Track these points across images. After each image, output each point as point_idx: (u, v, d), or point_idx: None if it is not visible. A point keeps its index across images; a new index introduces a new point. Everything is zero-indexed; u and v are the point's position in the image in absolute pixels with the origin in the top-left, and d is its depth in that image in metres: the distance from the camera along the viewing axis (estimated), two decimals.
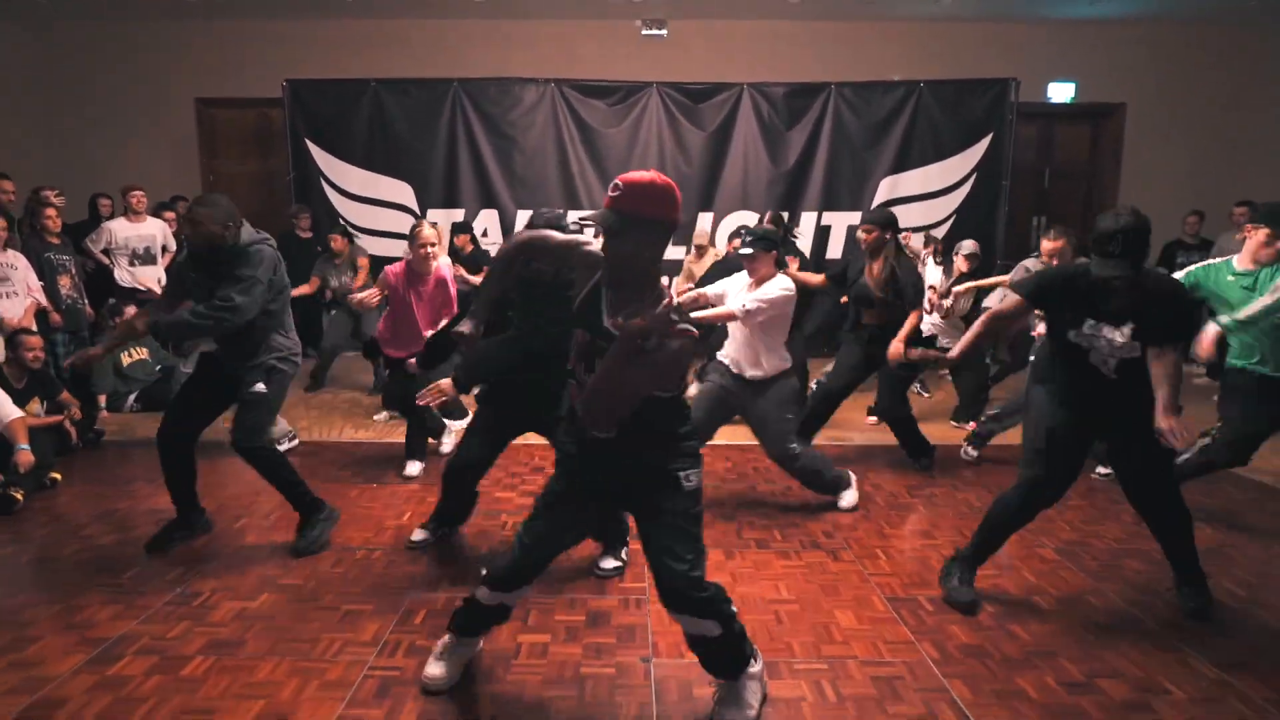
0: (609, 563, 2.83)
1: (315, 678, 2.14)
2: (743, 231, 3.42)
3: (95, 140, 8.70)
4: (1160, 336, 2.38)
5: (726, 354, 3.42)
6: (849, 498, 3.52)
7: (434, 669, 2.11)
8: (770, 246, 3.29)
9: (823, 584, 2.75)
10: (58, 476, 3.78)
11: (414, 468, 3.97)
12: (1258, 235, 3.14)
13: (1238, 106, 8.56)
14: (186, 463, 3.03)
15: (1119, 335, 2.37)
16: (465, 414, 4.81)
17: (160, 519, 3.23)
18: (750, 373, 3.33)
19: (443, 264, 4.13)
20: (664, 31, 8.41)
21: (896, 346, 3.69)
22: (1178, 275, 3.17)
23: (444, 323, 3.79)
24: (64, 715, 1.97)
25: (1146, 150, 8.70)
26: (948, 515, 3.47)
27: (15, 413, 3.74)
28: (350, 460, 4.19)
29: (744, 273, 3.35)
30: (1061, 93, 8.81)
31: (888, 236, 3.90)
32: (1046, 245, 4.05)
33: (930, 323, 4.73)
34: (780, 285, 3.27)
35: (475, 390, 3.01)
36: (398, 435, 4.69)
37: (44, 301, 4.88)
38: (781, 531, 3.21)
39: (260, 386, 2.93)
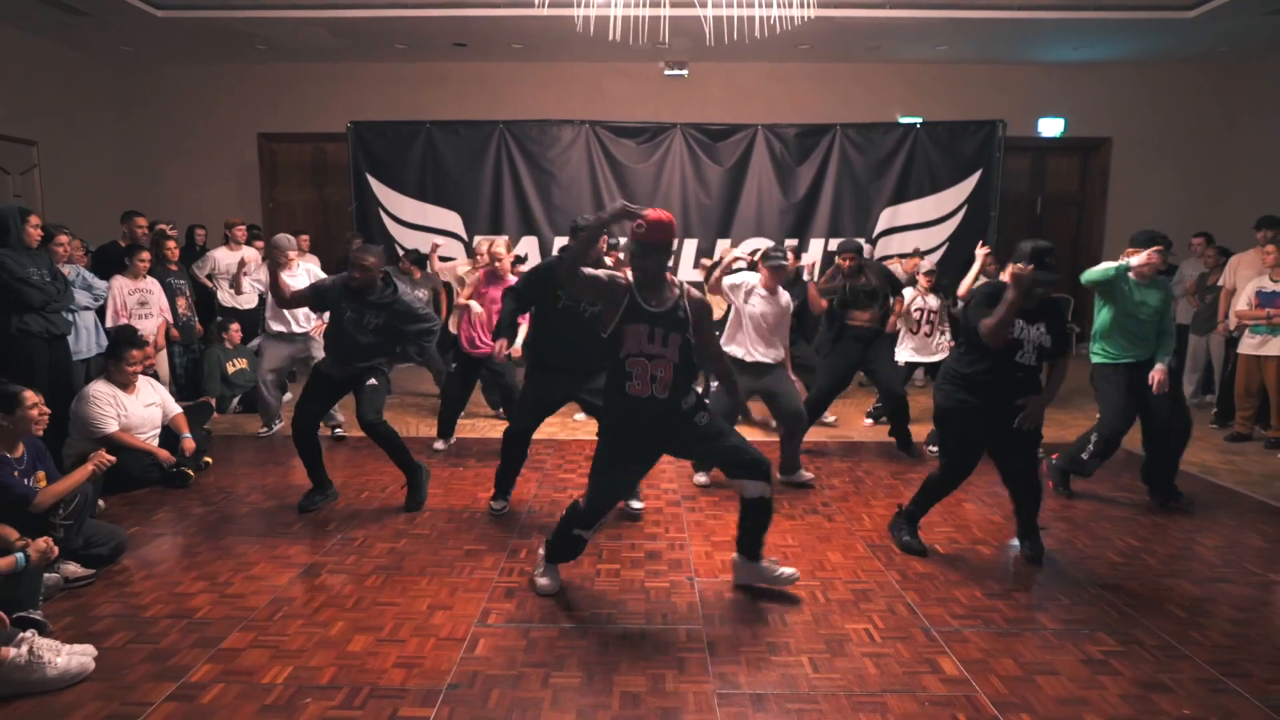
0: (636, 504, 3.88)
1: (459, 587, 3.06)
2: (773, 250, 4.42)
3: (168, 171, 9.74)
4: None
5: (738, 347, 4.33)
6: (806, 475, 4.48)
7: (543, 580, 3.02)
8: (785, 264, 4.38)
9: (819, 535, 3.65)
10: (210, 460, 4.72)
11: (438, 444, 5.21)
12: None
13: (1218, 138, 9.39)
14: (313, 445, 3.99)
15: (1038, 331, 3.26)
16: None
17: (299, 492, 4.17)
18: (764, 356, 4.28)
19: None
20: (684, 72, 9.36)
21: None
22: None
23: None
24: (298, 605, 2.90)
25: (1131, 180, 9.56)
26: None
27: (178, 408, 4.69)
28: (433, 452, 5.11)
29: (756, 273, 4.39)
30: (1051, 127, 9.68)
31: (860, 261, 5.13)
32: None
33: (910, 348, 5.63)
34: (789, 299, 4.42)
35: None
36: (466, 432, 5.62)
37: (170, 319, 5.84)
38: (789, 502, 4.10)
39: (373, 380, 3.96)
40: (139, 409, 4.38)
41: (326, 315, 4.10)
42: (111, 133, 9.46)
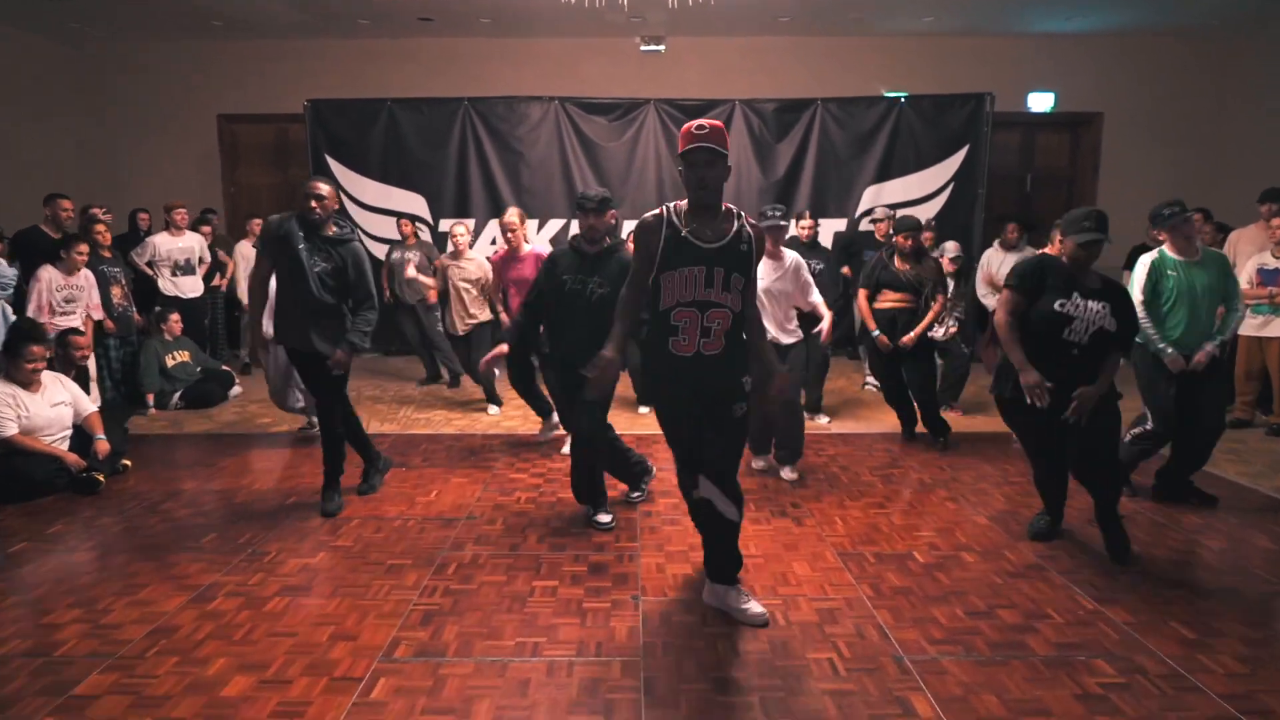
0: (604, 517, 3.46)
1: (371, 611, 2.69)
2: (771, 210, 3.95)
3: (124, 154, 9.27)
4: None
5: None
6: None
7: (747, 605, 2.67)
8: (789, 221, 4.04)
9: (785, 543, 3.29)
10: (129, 463, 4.32)
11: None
12: None
13: (1210, 115, 9.02)
14: (348, 423, 3.77)
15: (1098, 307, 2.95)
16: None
17: (223, 496, 3.82)
18: (779, 336, 3.90)
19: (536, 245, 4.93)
20: (662, 47, 8.92)
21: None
22: None
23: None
24: (180, 636, 2.52)
25: (1123, 157, 9.18)
26: (901, 490, 4.01)
27: (92, 407, 4.30)
28: (379, 448, 4.72)
29: None
30: (1041, 102, 9.28)
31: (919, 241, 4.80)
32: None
33: None
34: (796, 255, 3.98)
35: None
36: (419, 427, 5.26)
37: (99, 316, 5.41)
38: (756, 504, 3.74)
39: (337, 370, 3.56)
40: (44, 409, 3.99)
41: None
42: (64, 114, 8.97)
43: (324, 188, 3.44)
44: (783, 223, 3.90)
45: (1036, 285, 3.04)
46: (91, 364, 5.31)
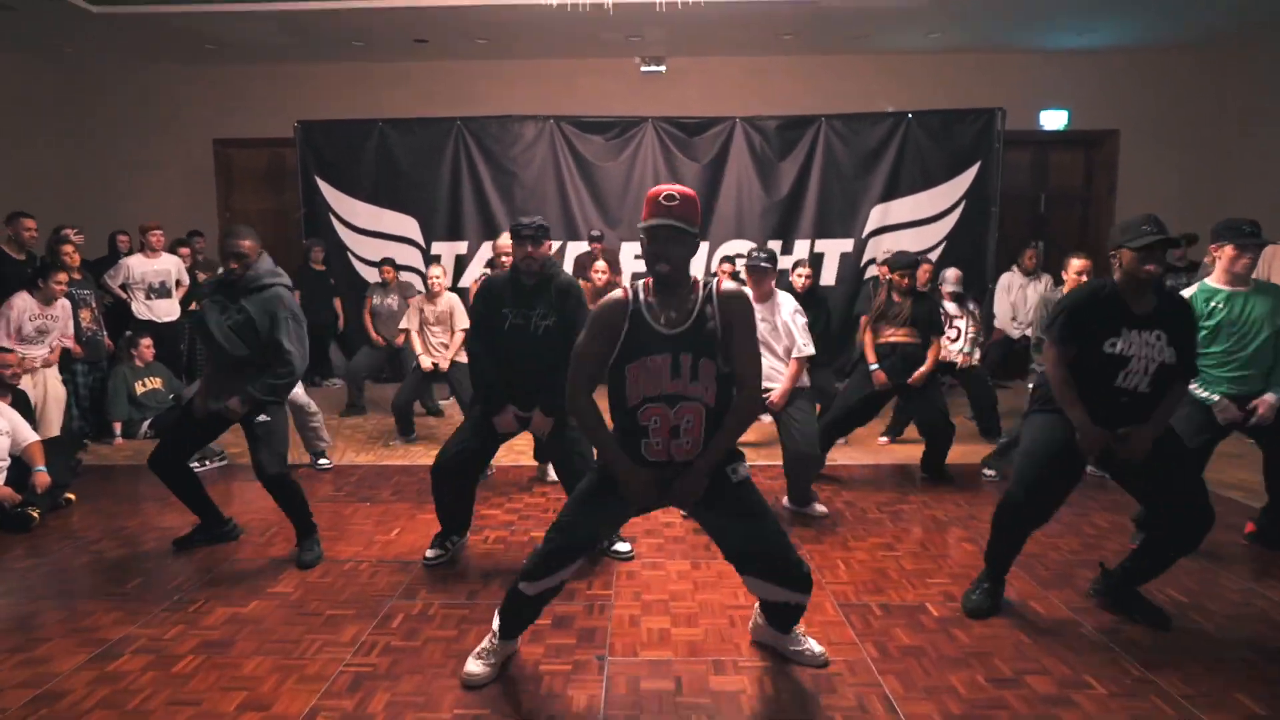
0: (622, 546, 3.24)
1: (295, 672, 2.33)
2: (754, 253, 3.71)
3: (116, 178, 9.11)
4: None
5: None
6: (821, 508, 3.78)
7: (474, 667, 2.28)
8: (774, 264, 3.67)
9: None
10: (72, 497, 4.00)
11: None
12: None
13: (1228, 129, 8.68)
14: (185, 478, 3.27)
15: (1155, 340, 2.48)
16: None
17: (166, 535, 3.48)
18: (771, 382, 3.61)
19: None
20: (662, 68, 8.70)
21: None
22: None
23: None
24: (66, 705, 2.16)
25: (1140, 175, 8.84)
26: (912, 529, 3.61)
27: (32, 436, 3.99)
28: (347, 481, 4.40)
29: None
30: (1054, 120, 8.99)
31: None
32: (1076, 264, 4.32)
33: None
34: (791, 302, 3.68)
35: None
36: (394, 458, 4.92)
37: (69, 345, 5.14)
38: None
39: (264, 417, 3.16)
40: None
41: None
42: (55, 139, 8.84)
43: (245, 241, 3.13)
44: (764, 265, 3.61)
45: (1079, 328, 2.55)
46: (60, 391, 5.01)
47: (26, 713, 2.13)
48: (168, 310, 6.24)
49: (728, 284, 2.12)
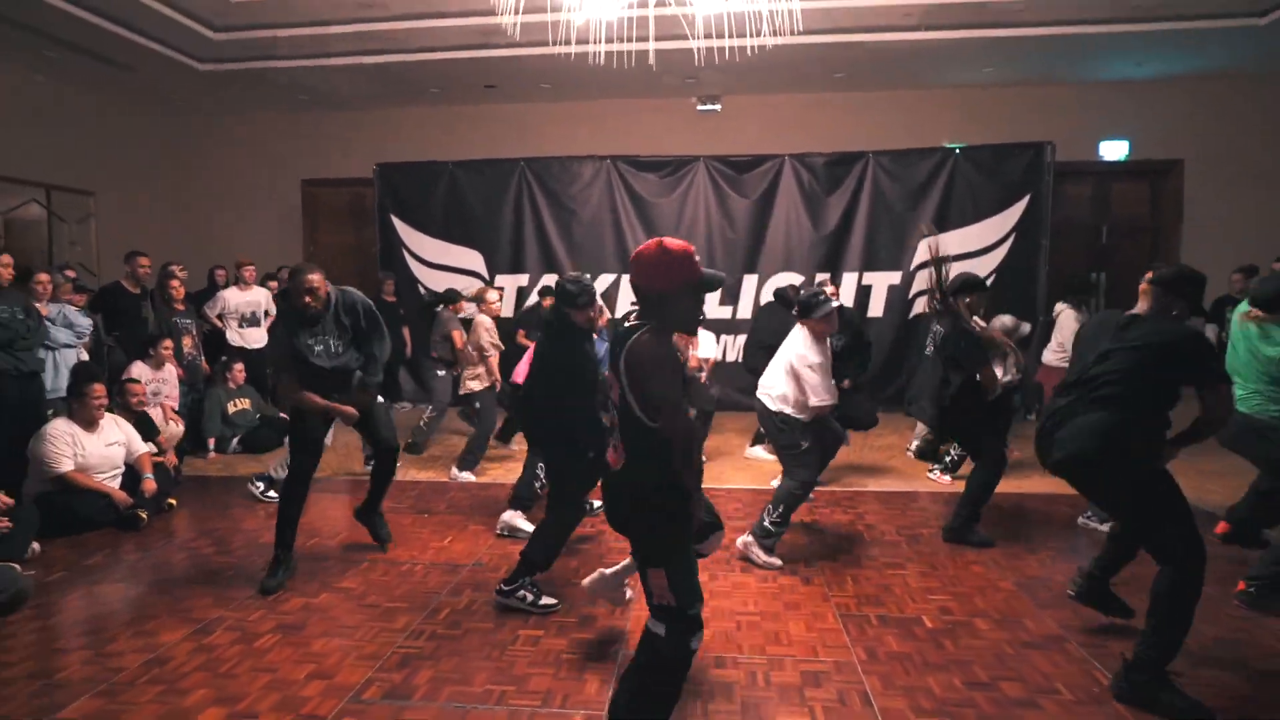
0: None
1: (354, 651, 2.73)
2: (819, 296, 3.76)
3: (215, 217, 10.04)
4: None
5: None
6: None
7: None
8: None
9: (787, 602, 3.16)
10: (174, 502, 4.57)
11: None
12: None
13: None
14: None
15: None
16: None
17: (252, 536, 4.00)
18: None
19: None
20: (718, 106, 9.11)
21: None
22: None
23: None
24: (171, 668, 2.62)
25: (1207, 205, 8.72)
26: (925, 551, 3.79)
27: (144, 448, 4.58)
28: (407, 495, 4.85)
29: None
30: (1114, 150, 8.97)
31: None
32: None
33: None
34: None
35: None
36: (444, 475, 5.36)
37: (173, 405, 5.73)
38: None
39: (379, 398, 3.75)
40: (99, 448, 4.27)
41: None
42: (162, 182, 9.85)
43: (314, 278, 3.37)
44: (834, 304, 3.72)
45: None
46: (177, 432, 5.63)
47: (141, 672, 2.58)
48: (258, 338, 6.90)
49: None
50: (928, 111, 8.88)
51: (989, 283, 7.64)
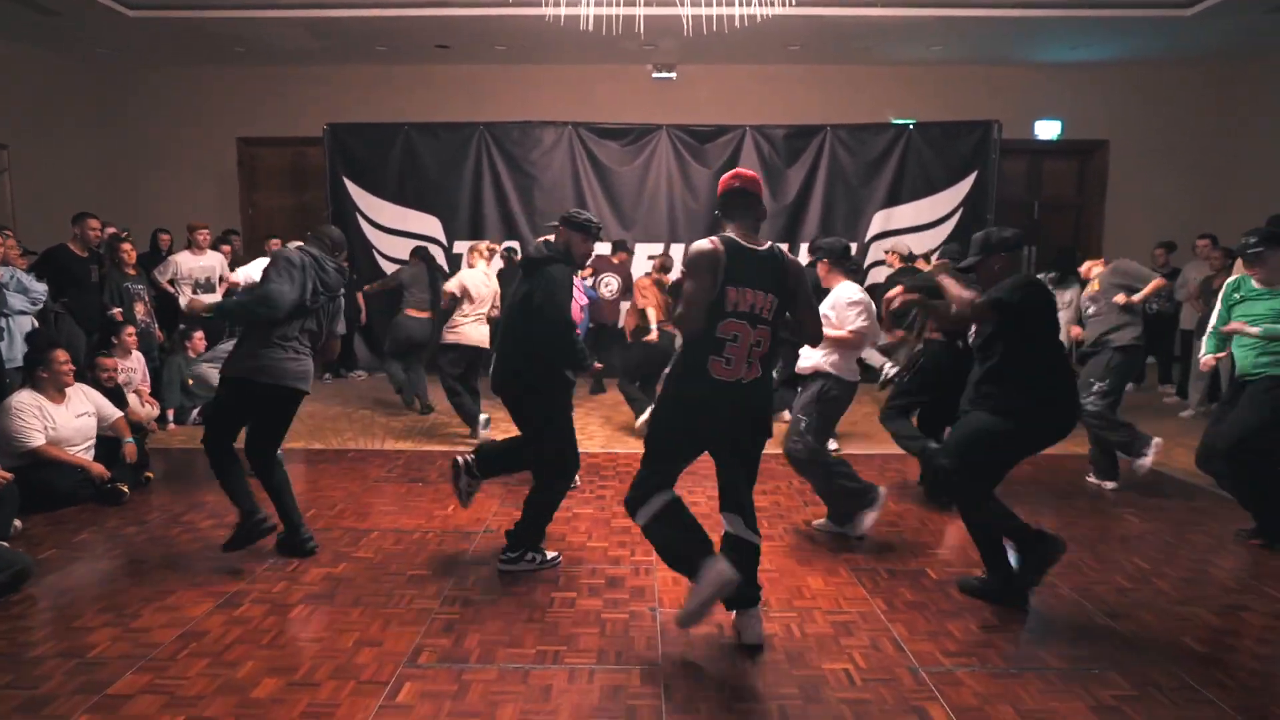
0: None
1: (394, 619, 2.74)
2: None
3: (145, 175, 9.46)
4: None
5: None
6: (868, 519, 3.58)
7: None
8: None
9: (800, 558, 3.33)
10: (150, 475, 4.40)
11: None
12: None
13: (1215, 140, 9.11)
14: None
15: None
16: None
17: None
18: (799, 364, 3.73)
19: None
20: (673, 74, 9.10)
21: None
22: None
23: None
24: (210, 640, 2.58)
25: (1129, 184, 9.29)
26: (913, 509, 4.05)
27: (117, 413, 4.39)
28: (394, 464, 4.80)
29: None
30: (1048, 130, 9.42)
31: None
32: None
33: None
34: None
35: None
36: (430, 444, 5.33)
37: (144, 394, 5.59)
38: (769, 520, 3.78)
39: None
40: (69, 420, 4.07)
41: None
42: (87, 136, 9.18)
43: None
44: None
45: None
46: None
47: (179, 646, 2.54)
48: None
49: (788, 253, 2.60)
50: (878, 86, 9.12)
51: (937, 254, 8.10)
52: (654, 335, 5.81)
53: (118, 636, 2.60)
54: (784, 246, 2.88)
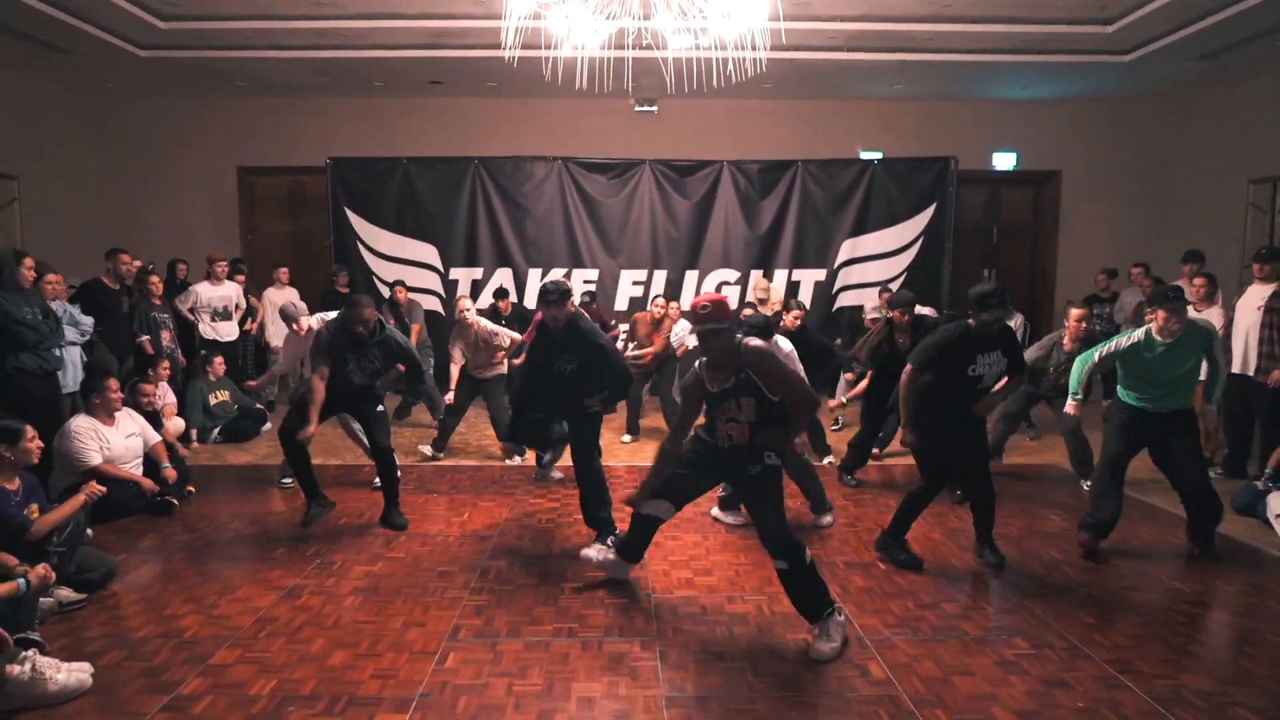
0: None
1: (432, 606, 3.29)
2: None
3: (148, 203, 9.86)
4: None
5: None
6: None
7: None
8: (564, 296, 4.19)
9: None
10: (193, 489, 4.90)
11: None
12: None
13: (1155, 174, 9.87)
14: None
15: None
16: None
17: (283, 517, 4.42)
18: None
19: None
20: (654, 108, 9.73)
21: None
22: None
23: None
24: (283, 623, 3.11)
25: (1079, 212, 10.03)
26: (868, 511, 4.66)
27: (157, 437, 4.88)
28: (410, 478, 5.32)
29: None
30: (1004, 161, 10.14)
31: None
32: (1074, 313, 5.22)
33: None
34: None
35: None
36: (442, 460, 5.85)
37: (174, 419, 6.07)
38: (748, 517, 4.36)
39: (381, 407, 4.37)
40: (120, 440, 4.56)
41: None
42: (92, 167, 9.59)
43: (368, 310, 4.20)
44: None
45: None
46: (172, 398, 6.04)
47: (257, 628, 3.07)
48: (229, 331, 7.12)
49: (751, 343, 3.00)
50: (845, 121, 9.82)
51: (901, 279, 8.78)
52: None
53: (204, 622, 3.13)
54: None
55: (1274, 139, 8.19)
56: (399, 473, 4.46)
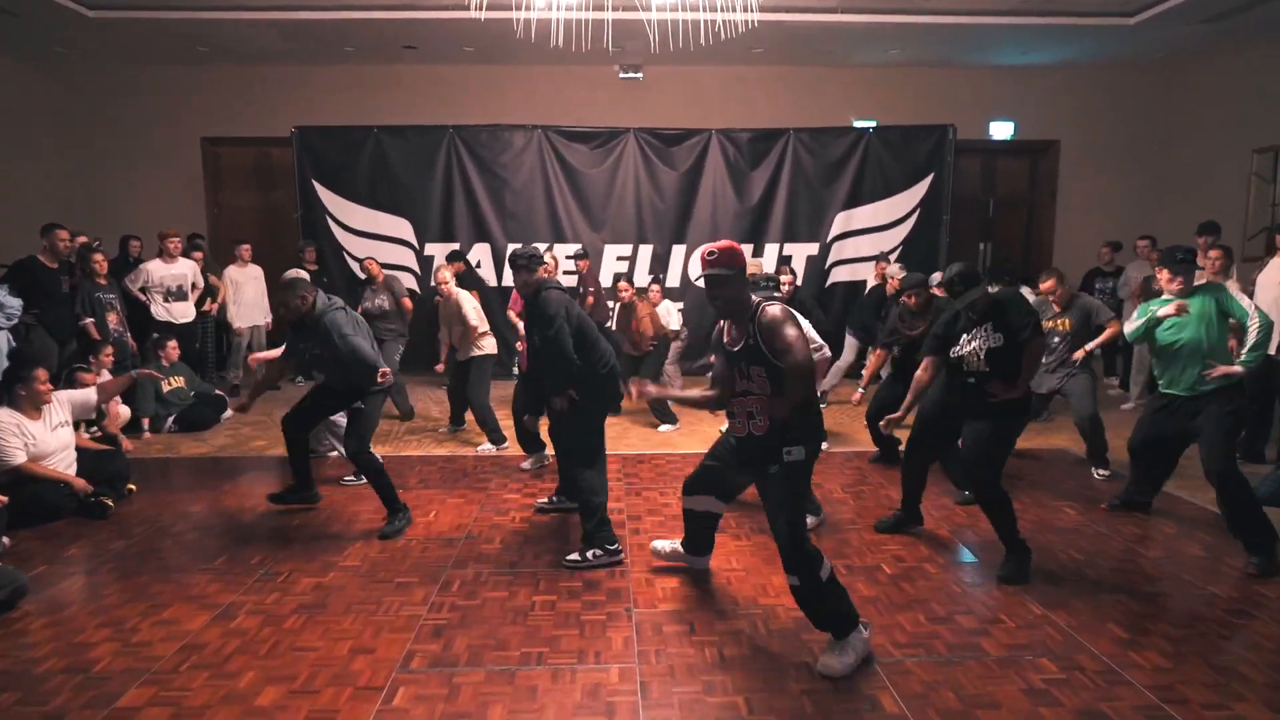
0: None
1: (385, 626, 2.91)
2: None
3: (109, 178, 9.35)
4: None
5: None
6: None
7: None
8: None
9: (764, 558, 3.55)
10: (134, 487, 4.49)
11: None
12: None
13: (1157, 143, 9.51)
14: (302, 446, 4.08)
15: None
16: None
17: (231, 518, 4.02)
18: None
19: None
20: (640, 75, 9.24)
21: None
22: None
23: None
24: (210, 652, 2.72)
25: (1077, 183, 9.67)
26: (871, 508, 4.29)
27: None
28: None
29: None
30: (1002, 130, 9.74)
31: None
32: (1043, 286, 4.94)
33: None
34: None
35: None
36: (411, 449, 5.47)
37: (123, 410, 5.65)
38: (737, 521, 3.99)
39: (360, 405, 3.97)
40: (47, 434, 4.13)
41: None
42: (51, 141, 9.03)
43: (294, 297, 3.82)
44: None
45: None
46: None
47: (180, 659, 2.68)
48: (184, 312, 6.66)
49: (770, 309, 2.66)
50: (838, 88, 9.36)
51: (896, 252, 8.39)
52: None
53: (119, 651, 2.73)
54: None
55: (1279, 107, 7.83)
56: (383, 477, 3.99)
